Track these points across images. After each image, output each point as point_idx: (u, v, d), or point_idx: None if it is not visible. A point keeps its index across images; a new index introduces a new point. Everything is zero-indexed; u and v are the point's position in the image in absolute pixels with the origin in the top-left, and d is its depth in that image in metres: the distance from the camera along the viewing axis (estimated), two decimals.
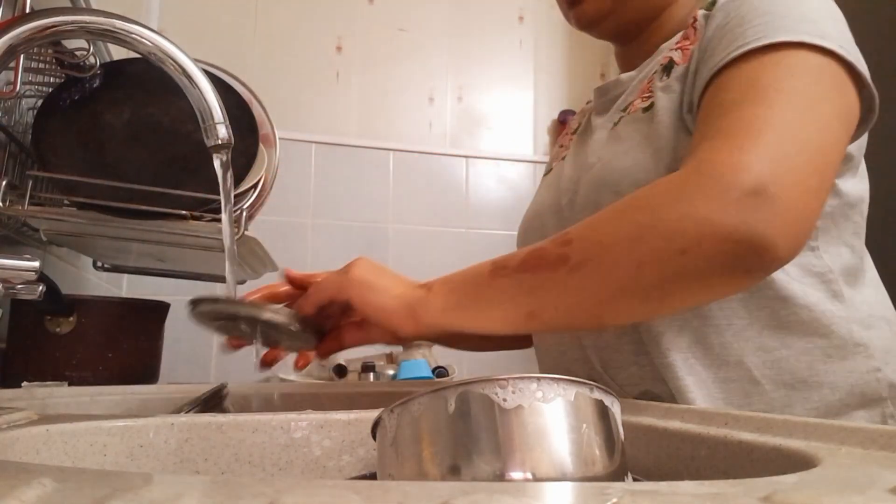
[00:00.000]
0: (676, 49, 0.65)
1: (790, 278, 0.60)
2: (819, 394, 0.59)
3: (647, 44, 0.72)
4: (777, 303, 0.60)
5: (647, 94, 0.66)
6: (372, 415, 0.50)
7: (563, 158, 0.79)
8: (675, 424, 0.44)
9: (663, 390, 0.61)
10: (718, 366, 0.60)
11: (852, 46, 0.57)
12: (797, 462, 0.33)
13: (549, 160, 0.92)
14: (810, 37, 0.54)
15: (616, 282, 0.50)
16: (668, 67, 0.65)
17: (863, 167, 0.66)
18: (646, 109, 0.65)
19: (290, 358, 0.73)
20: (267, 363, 0.68)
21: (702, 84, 0.58)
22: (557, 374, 0.33)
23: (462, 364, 1.94)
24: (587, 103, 0.88)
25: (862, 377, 0.59)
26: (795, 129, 0.50)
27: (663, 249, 0.47)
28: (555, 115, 2.18)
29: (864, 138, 0.63)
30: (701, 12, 0.65)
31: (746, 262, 0.47)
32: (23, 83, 0.84)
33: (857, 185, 0.64)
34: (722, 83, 0.56)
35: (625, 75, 0.74)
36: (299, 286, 0.69)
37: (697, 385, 0.59)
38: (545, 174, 0.87)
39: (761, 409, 0.58)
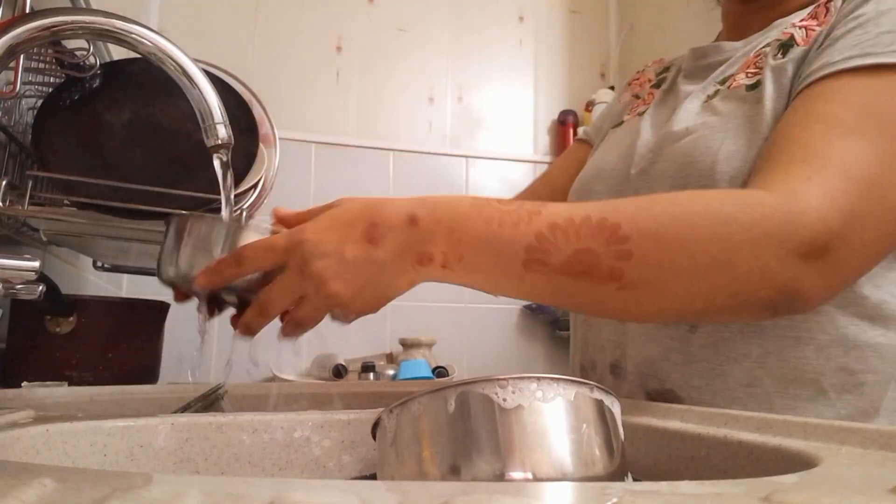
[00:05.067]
0: (800, 27, 0.58)
1: (884, 299, 0.55)
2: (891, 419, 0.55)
3: (769, 13, 0.65)
4: (870, 321, 0.55)
5: (753, 70, 0.59)
6: (372, 415, 0.50)
7: (641, 115, 0.71)
8: (675, 424, 0.44)
9: (687, 395, 0.58)
10: (791, 380, 0.55)
11: None
12: (797, 462, 0.33)
13: (616, 108, 0.81)
14: None
15: (664, 307, 0.48)
16: (785, 45, 0.58)
17: None
18: (750, 87, 0.58)
19: (289, 358, 0.73)
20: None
21: (813, 75, 0.52)
22: (580, 353, 0.33)
23: (462, 364, 1.93)
24: (669, 65, 0.78)
25: None
26: (884, 182, 0.47)
27: (722, 290, 0.46)
28: (555, 115, 2.18)
29: None
30: None
31: (778, 308, 0.48)
32: (23, 83, 0.84)
33: None
34: (830, 89, 0.50)
35: (728, 44, 0.66)
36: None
37: (762, 398, 0.56)
38: (614, 126, 0.77)
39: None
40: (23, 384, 0.75)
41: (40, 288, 0.54)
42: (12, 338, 0.85)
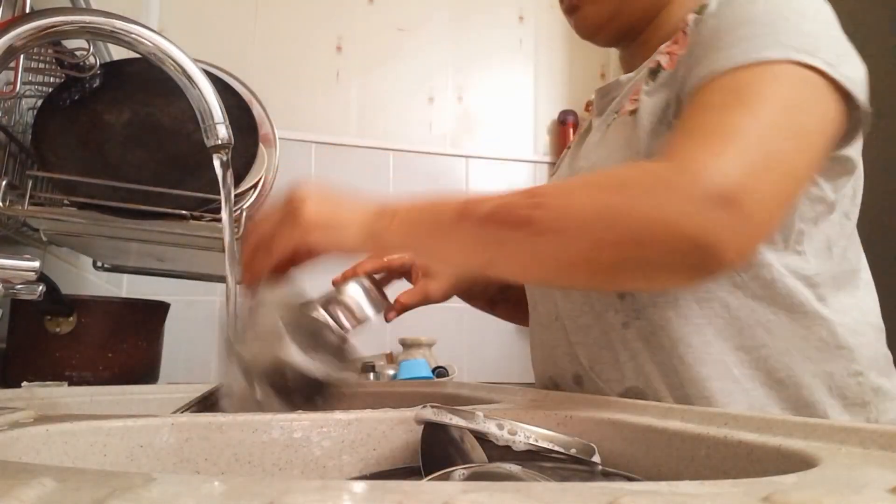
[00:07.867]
0: (665, 53, 0.65)
1: (774, 279, 0.59)
2: (798, 394, 0.59)
3: (648, 44, 0.72)
4: (761, 301, 0.59)
5: (635, 97, 0.66)
6: (372, 415, 0.50)
7: (569, 148, 0.81)
8: (674, 424, 0.44)
9: (647, 387, 0.62)
10: (703, 363, 0.59)
11: (844, 58, 0.55)
12: (797, 462, 0.33)
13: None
14: (798, 53, 0.53)
15: (572, 255, 0.51)
16: (654, 72, 0.65)
17: (860, 170, 0.65)
18: (633, 112, 0.65)
19: None
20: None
21: (689, 89, 0.58)
22: (547, 367, 0.33)
23: (462, 364, 1.94)
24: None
25: (842, 380, 0.59)
26: (774, 140, 0.50)
27: (625, 237, 0.48)
28: (555, 115, 2.18)
29: (860, 141, 0.62)
30: (692, 16, 0.64)
31: (694, 263, 0.48)
32: (23, 83, 0.84)
33: (849, 190, 0.63)
34: (707, 87, 0.55)
35: (624, 77, 0.74)
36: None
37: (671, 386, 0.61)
38: (551, 176, 0.89)
39: (743, 407, 0.58)
40: (23, 384, 0.75)
41: (40, 288, 0.54)
42: (12, 338, 0.85)
